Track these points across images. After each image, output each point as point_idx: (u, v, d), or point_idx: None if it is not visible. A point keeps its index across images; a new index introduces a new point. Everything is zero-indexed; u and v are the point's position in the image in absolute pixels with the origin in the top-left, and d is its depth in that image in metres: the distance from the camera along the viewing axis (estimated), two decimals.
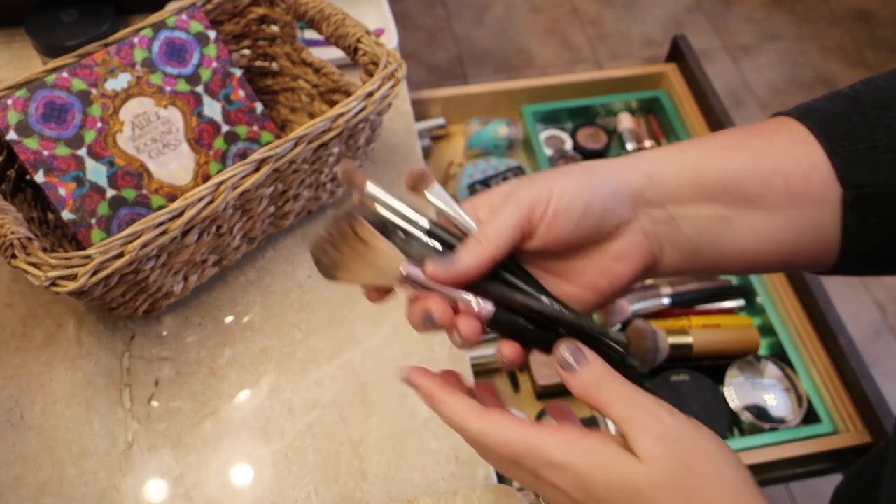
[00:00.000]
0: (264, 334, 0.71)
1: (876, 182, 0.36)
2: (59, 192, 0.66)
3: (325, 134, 0.65)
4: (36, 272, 0.55)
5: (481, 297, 0.38)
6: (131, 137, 0.69)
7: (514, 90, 1.24)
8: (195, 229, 0.63)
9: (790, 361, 0.97)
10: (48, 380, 0.67)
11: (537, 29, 2.25)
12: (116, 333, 0.70)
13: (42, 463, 0.63)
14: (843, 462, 0.94)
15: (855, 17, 2.28)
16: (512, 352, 0.38)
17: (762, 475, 0.92)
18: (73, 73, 0.68)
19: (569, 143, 1.25)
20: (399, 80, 0.68)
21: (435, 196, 0.42)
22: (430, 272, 0.37)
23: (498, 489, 0.61)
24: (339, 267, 0.42)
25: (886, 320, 1.69)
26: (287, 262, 0.76)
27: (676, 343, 0.98)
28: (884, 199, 0.36)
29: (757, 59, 2.18)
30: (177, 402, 0.67)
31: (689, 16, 2.30)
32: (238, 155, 0.75)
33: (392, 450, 0.65)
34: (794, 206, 0.37)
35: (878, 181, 0.36)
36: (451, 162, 1.23)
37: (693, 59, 1.24)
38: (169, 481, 0.63)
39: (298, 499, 0.62)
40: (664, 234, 0.39)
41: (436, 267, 0.37)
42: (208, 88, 0.74)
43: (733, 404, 0.95)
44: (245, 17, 0.80)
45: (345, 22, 0.72)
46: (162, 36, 0.72)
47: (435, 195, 0.42)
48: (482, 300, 0.38)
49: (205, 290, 0.73)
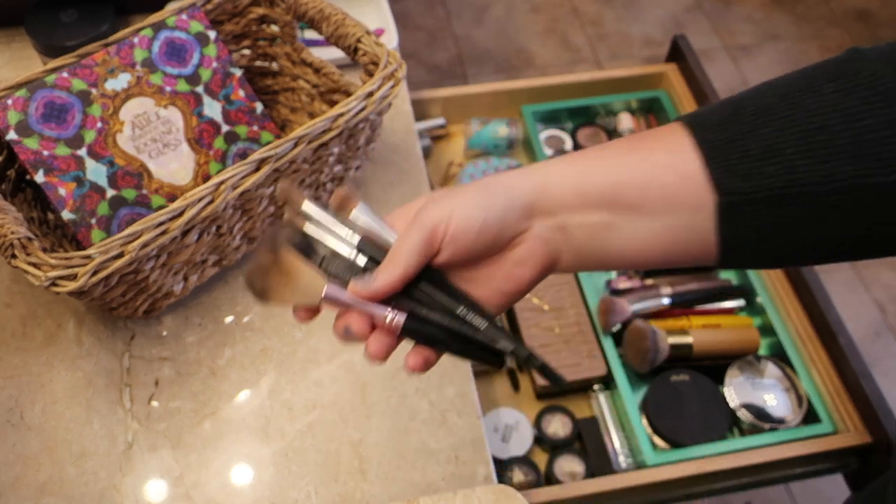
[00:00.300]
0: (264, 334, 0.71)
1: (745, 190, 0.39)
2: (59, 192, 0.66)
3: (325, 134, 0.65)
4: (36, 272, 0.55)
5: (398, 310, 0.43)
6: (131, 137, 0.69)
7: (514, 90, 1.24)
8: (195, 229, 0.63)
9: (790, 361, 0.97)
10: (48, 380, 0.67)
11: (537, 29, 2.25)
12: (116, 333, 0.70)
13: (42, 463, 0.63)
14: (843, 462, 0.94)
15: (855, 17, 2.28)
16: (416, 362, 0.44)
17: (762, 475, 0.92)
18: (73, 73, 0.68)
19: (569, 143, 1.25)
20: (399, 80, 0.68)
21: (360, 214, 0.46)
22: (352, 290, 0.43)
23: (498, 489, 0.61)
24: (268, 291, 0.46)
25: (886, 320, 1.69)
26: None
27: (676, 343, 0.98)
28: (753, 205, 0.39)
29: (757, 59, 2.18)
30: (177, 402, 0.67)
31: (689, 16, 2.30)
32: (238, 155, 0.75)
33: (392, 450, 0.65)
34: (671, 212, 0.41)
35: (746, 189, 0.39)
36: (451, 162, 1.23)
37: (693, 59, 1.24)
38: (169, 481, 0.63)
39: (298, 499, 0.62)
40: (558, 238, 0.43)
41: (356, 286, 0.43)
42: (208, 88, 0.74)
43: (733, 404, 0.95)
44: (245, 17, 0.80)
45: (345, 22, 0.72)
46: (162, 36, 0.72)
47: (360, 212, 0.46)
48: (397, 313, 0.43)
49: (205, 290, 0.73)
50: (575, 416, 0.96)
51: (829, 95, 0.38)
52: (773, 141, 0.39)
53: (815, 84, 0.39)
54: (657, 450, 0.92)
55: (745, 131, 0.39)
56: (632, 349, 0.98)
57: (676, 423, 0.94)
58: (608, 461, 0.93)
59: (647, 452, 0.89)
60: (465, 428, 0.66)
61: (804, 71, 0.40)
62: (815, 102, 0.38)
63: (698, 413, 0.95)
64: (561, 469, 0.92)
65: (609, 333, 1.00)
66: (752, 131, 0.39)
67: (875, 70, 0.38)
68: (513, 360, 0.42)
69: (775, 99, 0.40)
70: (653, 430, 0.94)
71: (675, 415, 0.94)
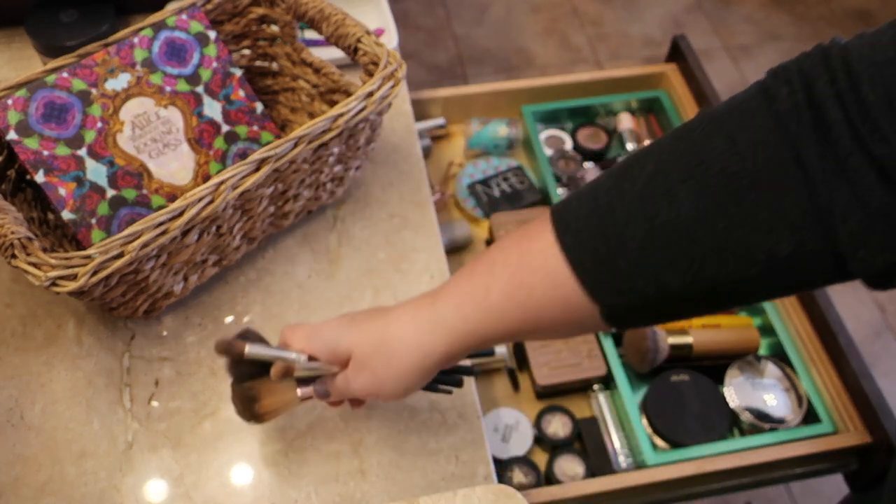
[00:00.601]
0: (265, 334, 0.71)
1: (622, 303, 0.44)
2: (59, 192, 0.66)
3: (325, 134, 0.65)
4: (36, 272, 0.55)
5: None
6: (131, 137, 0.69)
7: (514, 90, 1.24)
8: (195, 229, 0.63)
9: (790, 361, 0.97)
10: (48, 380, 0.67)
11: (537, 29, 2.25)
12: (116, 333, 0.70)
13: (42, 463, 0.63)
14: (843, 462, 0.94)
15: (855, 17, 2.28)
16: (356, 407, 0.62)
17: (762, 475, 0.92)
18: (73, 73, 0.68)
19: (569, 143, 1.25)
20: (399, 80, 0.68)
21: (253, 351, 0.55)
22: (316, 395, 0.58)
23: (498, 489, 0.61)
24: (260, 416, 0.58)
25: (886, 320, 1.69)
26: (287, 262, 0.76)
27: (676, 343, 0.98)
28: (631, 310, 0.45)
29: (757, 59, 2.18)
30: (177, 402, 0.67)
31: (689, 16, 2.30)
32: (238, 155, 0.75)
33: (392, 450, 0.65)
34: (564, 328, 0.48)
35: (623, 302, 0.44)
36: (451, 162, 1.23)
37: (693, 59, 1.24)
38: (169, 481, 0.63)
39: (298, 499, 0.62)
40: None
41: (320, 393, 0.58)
42: (208, 88, 0.74)
43: (733, 404, 0.95)
44: (245, 17, 0.80)
45: (345, 22, 0.72)
46: (162, 36, 0.72)
47: (252, 351, 0.55)
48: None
49: (205, 290, 0.73)
50: (575, 416, 0.96)
51: (683, 202, 0.41)
52: (639, 257, 0.43)
53: (670, 189, 0.42)
54: (657, 450, 0.92)
55: (614, 248, 0.43)
56: (632, 349, 0.98)
57: (676, 423, 0.94)
58: (608, 461, 0.93)
59: (647, 452, 0.89)
60: (465, 428, 0.66)
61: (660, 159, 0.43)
62: (672, 211, 0.41)
63: (698, 413, 0.95)
64: (561, 469, 0.92)
65: (608, 334, 1.00)
66: (619, 248, 0.43)
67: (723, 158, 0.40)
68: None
69: (636, 205, 0.43)
70: (653, 430, 0.94)
71: (675, 415, 0.94)
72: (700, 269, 0.42)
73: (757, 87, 0.42)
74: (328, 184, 0.76)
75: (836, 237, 0.39)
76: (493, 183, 1.17)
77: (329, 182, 0.76)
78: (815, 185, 0.39)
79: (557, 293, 0.46)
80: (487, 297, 0.48)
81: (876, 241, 0.38)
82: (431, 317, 0.51)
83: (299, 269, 0.76)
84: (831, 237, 0.39)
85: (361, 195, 0.82)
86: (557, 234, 0.46)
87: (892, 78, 0.37)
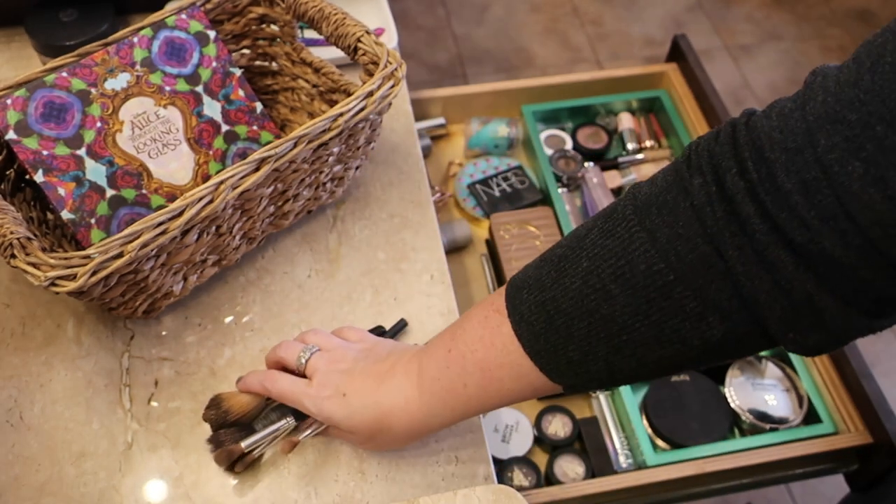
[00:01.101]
0: (264, 334, 0.71)
1: (578, 383, 0.50)
2: (59, 192, 0.66)
3: (324, 134, 0.65)
4: (35, 272, 0.55)
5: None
6: (131, 137, 0.69)
7: (514, 90, 1.24)
8: (195, 229, 0.63)
9: (791, 362, 0.97)
10: (47, 380, 0.67)
11: (537, 29, 2.25)
12: (116, 333, 0.70)
13: (41, 463, 0.63)
14: (844, 462, 0.93)
15: (855, 17, 2.28)
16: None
17: (763, 476, 0.92)
18: (72, 72, 0.68)
19: (569, 142, 1.25)
20: (399, 80, 0.68)
21: (248, 445, 0.61)
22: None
23: (498, 489, 0.61)
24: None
25: None
26: (287, 262, 0.76)
27: None
28: (588, 386, 0.50)
29: (757, 59, 2.18)
30: (176, 403, 0.67)
31: (689, 15, 2.30)
32: (238, 155, 0.75)
33: (392, 450, 0.65)
34: (534, 397, 0.55)
35: (579, 382, 0.50)
36: (451, 162, 1.23)
37: (693, 59, 1.24)
38: (168, 482, 0.62)
39: (298, 499, 0.62)
40: None
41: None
42: (208, 88, 0.73)
43: (734, 405, 0.95)
44: (245, 16, 0.80)
45: (345, 21, 0.72)
46: (161, 35, 0.72)
47: (248, 445, 0.61)
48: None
49: (204, 290, 0.73)
50: (575, 416, 0.96)
51: (617, 298, 0.45)
52: (588, 346, 0.47)
53: (604, 287, 0.45)
54: (657, 450, 0.92)
55: (564, 340, 0.48)
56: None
57: (677, 424, 0.93)
58: (608, 461, 0.93)
59: (648, 453, 0.89)
60: (465, 428, 0.66)
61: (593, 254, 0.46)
62: (609, 307, 0.45)
63: (699, 413, 0.94)
64: (561, 469, 0.92)
65: None
66: (568, 340, 0.47)
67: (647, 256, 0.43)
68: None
69: (577, 301, 0.47)
70: (653, 431, 0.94)
71: (676, 415, 0.94)
72: (643, 355, 0.46)
73: (674, 174, 0.44)
74: (328, 183, 0.76)
75: (765, 322, 0.41)
76: (493, 183, 1.17)
77: (329, 182, 0.76)
78: (737, 276, 0.40)
79: (523, 381, 0.51)
80: (466, 392, 0.54)
81: (804, 325, 0.40)
82: (421, 407, 0.57)
83: (299, 269, 0.76)
84: (760, 322, 0.41)
85: (361, 195, 0.81)
86: (514, 328, 0.50)
87: (804, 165, 0.37)
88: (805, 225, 0.37)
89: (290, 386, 0.61)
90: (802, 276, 0.38)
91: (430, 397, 0.56)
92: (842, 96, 0.37)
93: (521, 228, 1.08)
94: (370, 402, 0.58)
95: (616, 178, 1.21)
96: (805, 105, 0.39)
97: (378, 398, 0.58)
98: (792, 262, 0.38)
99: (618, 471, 0.93)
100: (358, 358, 0.61)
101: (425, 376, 0.56)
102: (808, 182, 0.37)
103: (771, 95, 2.08)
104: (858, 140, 0.36)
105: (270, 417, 0.64)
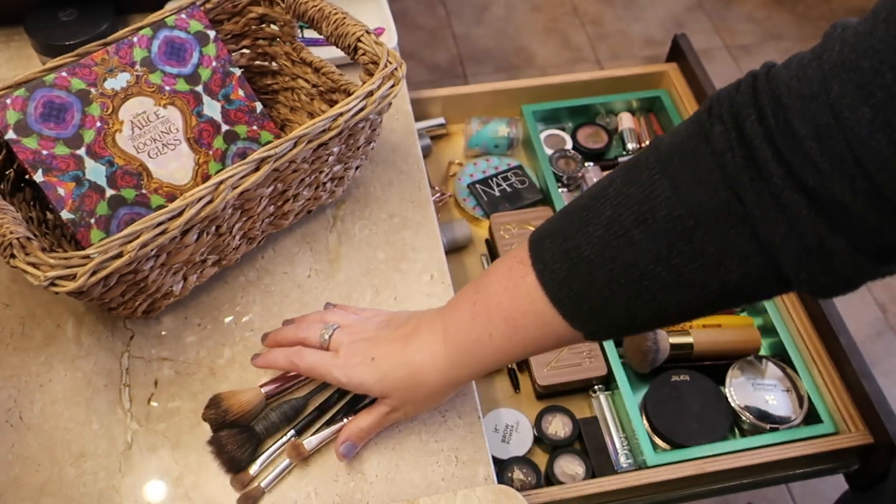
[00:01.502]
0: (263, 334, 0.71)
1: (600, 330, 0.52)
2: (58, 192, 0.66)
3: (324, 133, 0.65)
4: (35, 272, 0.55)
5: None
6: (130, 137, 0.69)
7: (514, 90, 1.23)
8: (194, 229, 0.63)
9: (791, 362, 0.97)
10: (47, 380, 0.67)
11: (537, 28, 2.25)
12: (116, 333, 0.70)
13: (41, 463, 0.63)
14: (845, 462, 0.93)
15: (856, 17, 2.28)
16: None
17: (763, 476, 0.92)
18: (72, 72, 0.68)
19: (569, 142, 1.25)
20: (399, 80, 0.68)
21: (259, 468, 0.63)
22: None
23: (498, 489, 0.61)
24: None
25: (888, 320, 1.68)
26: (287, 262, 0.76)
27: (677, 343, 0.97)
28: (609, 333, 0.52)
29: (758, 59, 2.18)
30: (176, 403, 0.67)
31: (689, 15, 2.30)
32: (237, 155, 0.75)
33: (392, 450, 0.64)
34: (555, 348, 0.56)
35: (601, 329, 0.51)
36: (451, 162, 1.23)
37: (694, 59, 1.24)
38: (168, 482, 0.62)
39: (298, 499, 0.62)
40: None
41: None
42: (208, 88, 0.73)
43: (734, 404, 0.95)
44: (244, 16, 0.80)
45: (344, 21, 0.72)
46: (161, 35, 0.72)
47: (266, 484, 0.62)
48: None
49: (204, 290, 0.73)
50: (575, 416, 0.96)
51: (640, 244, 0.46)
52: (610, 292, 0.48)
53: (627, 233, 0.46)
54: (657, 450, 0.92)
55: (587, 287, 0.49)
56: (632, 349, 0.98)
57: (677, 424, 0.93)
58: (608, 461, 0.93)
59: (648, 453, 0.89)
60: (465, 428, 0.66)
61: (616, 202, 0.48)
62: (631, 253, 0.46)
63: (699, 413, 0.94)
64: (561, 469, 0.92)
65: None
66: (591, 286, 0.49)
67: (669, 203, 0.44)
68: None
69: (599, 248, 0.48)
70: (653, 431, 0.94)
71: (676, 415, 0.94)
72: (663, 300, 0.47)
73: (696, 124, 0.45)
74: (328, 183, 0.76)
75: (779, 265, 0.42)
76: (493, 182, 1.17)
77: (329, 182, 0.76)
78: (755, 220, 0.41)
79: (547, 329, 0.52)
80: (492, 342, 0.55)
81: (816, 267, 0.42)
82: (448, 361, 0.58)
83: (299, 269, 0.75)
84: (775, 264, 0.42)
85: (361, 195, 0.81)
86: (538, 276, 0.51)
87: (818, 112, 0.38)
88: (817, 170, 0.38)
89: (318, 359, 0.62)
90: (815, 220, 0.40)
91: (456, 350, 0.57)
92: (857, 45, 0.38)
93: (521, 228, 1.08)
94: (399, 362, 0.59)
95: None
96: (822, 55, 0.40)
97: (406, 358, 0.59)
98: (805, 206, 0.40)
99: (618, 471, 0.92)
100: (379, 327, 0.63)
101: (450, 330, 0.58)
102: (821, 128, 0.38)
103: None
104: (869, 87, 0.37)
105: (270, 417, 0.64)
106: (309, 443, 0.62)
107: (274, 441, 0.63)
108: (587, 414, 0.98)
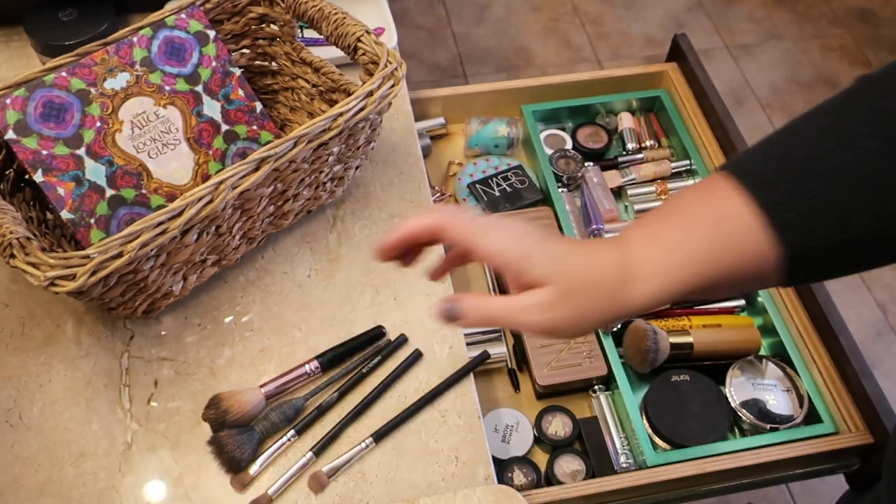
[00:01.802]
0: (264, 334, 0.71)
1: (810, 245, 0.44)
2: (58, 192, 0.66)
3: (324, 133, 0.65)
4: (35, 272, 0.55)
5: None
6: (130, 137, 0.69)
7: (514, 89, 1.23)
8: (194, 229, 0.63)
9: (791, 361, 0.97)
10: (47, 380, 0.67)
11: (537, 28, 2.25)
12: (115, 333, 0.70)
13: (41, 463, 0.63)
14: (845, 462, 0.93)
15: (856, 17, 2.28)
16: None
17: (763, 476, 0.92)
18: (71, 72, 0.68)
19: (569, 142, 1.25)
20: (399, 80, 0.68)
21: (274, 491, 0.62)
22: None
23: (498, 489, 0.61)
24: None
25: (888, 320, 1.68)
26: (287, 262, 0.76)
27: (677, 343, 0.97)
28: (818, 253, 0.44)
29: (758, 59, 2.18)
30: (176, 403, 0.66)
31: (689, 15, 2.30)
32: (237, 154, 0.75)
33: (392, 450, 0.64)
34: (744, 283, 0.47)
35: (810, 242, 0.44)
36: (451, 161, 1.23)
37: (694, 59, 1.24)
38: (168, 482, 0.62)
39: (298, 499, 0.62)
40: None
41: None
42: (207, 88, 0.73)
43: (734, 404, 0.95)
44: (244, 16, 0.80)
45: (344, 21, 0.72)
46: (161, 35, 0.72)
47: (274, 491, 0.62)
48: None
49: (204, 290, 0.73)
50: (575, 416, 0.96)
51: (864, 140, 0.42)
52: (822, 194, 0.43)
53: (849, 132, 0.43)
54: (658, 450, 0.92)
55: (795, 188, 0.43)
56: (632, 349, 0.98)
57: (677, 424, 0.93)
58: (608, 461, 0.93)
59: (648, 453, 0.89)
60: (465, 428, 0.66)
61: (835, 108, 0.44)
62: (850, 152, 0.42)
63: (699, 413, 0.94)
64: (561, 469, 0.92)
65: (609, 333, 1.00)
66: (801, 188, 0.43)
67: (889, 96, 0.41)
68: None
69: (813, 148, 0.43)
70: (653, 430, 0.94)
71: (676, 415, 0.94)
72: (886, 203, 0.41)
73: None
74: (328, 183, 0.76)
75: None
76: (493, 182, 1.17)
77: (329, 182, 0.76)
78: None
79: (750, 241, 0.45)
80: (689, 248, 0.47)
81: None
82: (634, 270, 0.47)
83: (299, 269, 0.75)
84: None
85: (361, 195, 0.81)
86: (740, 181, 0.45)
87: None
88: None
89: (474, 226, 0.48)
90: None
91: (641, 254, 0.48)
92: None
93: None
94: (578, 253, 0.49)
95: (616, 178, 1.21)
96: None
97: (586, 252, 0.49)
98: None
99: (618, 471, 0.92)
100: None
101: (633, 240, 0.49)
102: None
103: (772, 95, 2.08)
104: None
105: (270, 417, 0.64)
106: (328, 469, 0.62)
107: (274, 441, 0.63)
108: (587, 414, 0.98)
